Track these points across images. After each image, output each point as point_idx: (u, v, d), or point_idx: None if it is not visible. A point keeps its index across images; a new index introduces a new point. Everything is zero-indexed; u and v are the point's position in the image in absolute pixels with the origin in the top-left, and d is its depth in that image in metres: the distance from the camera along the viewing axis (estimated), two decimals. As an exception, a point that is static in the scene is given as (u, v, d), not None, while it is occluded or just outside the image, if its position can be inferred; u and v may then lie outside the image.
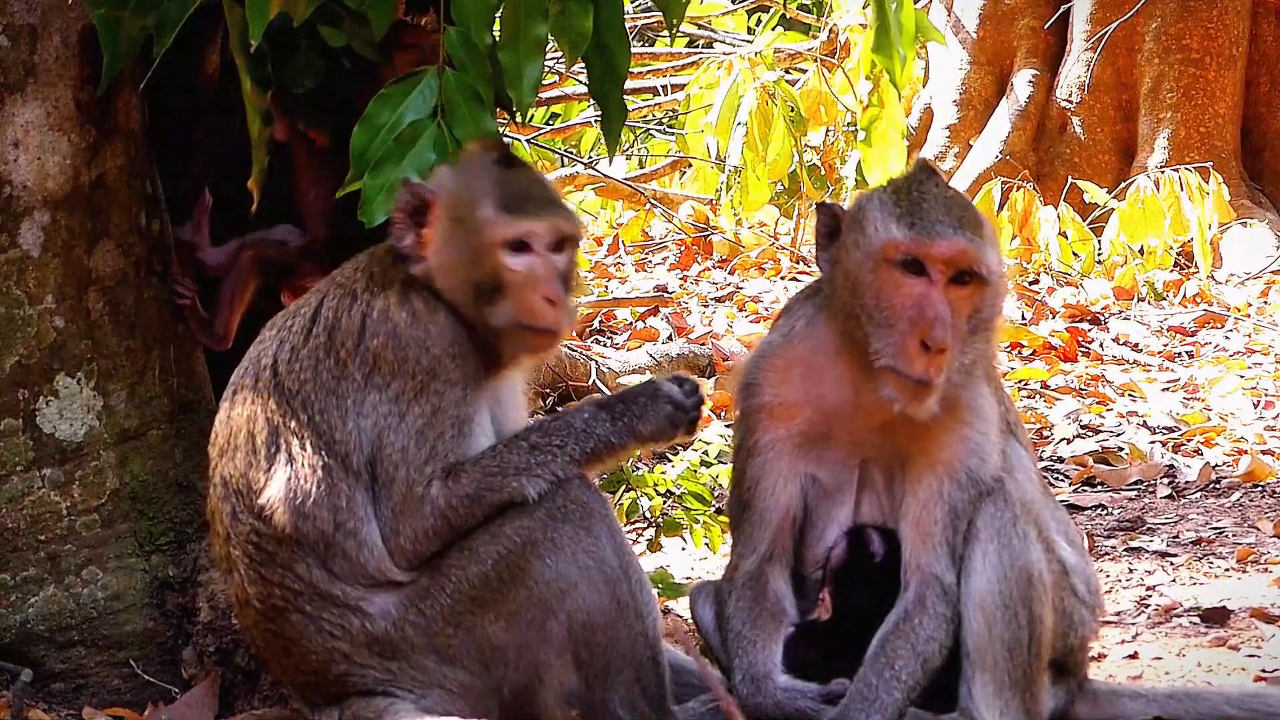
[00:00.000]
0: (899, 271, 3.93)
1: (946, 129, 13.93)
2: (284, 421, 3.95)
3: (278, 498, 3.92)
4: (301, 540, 3.91)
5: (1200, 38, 13.34)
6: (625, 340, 10.01)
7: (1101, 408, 8.62)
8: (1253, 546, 6.20)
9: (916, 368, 3.89)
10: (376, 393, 3.92)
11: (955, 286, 3.94)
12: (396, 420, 3.91)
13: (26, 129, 4.43)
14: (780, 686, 4.04)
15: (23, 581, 4.48)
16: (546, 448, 3.94)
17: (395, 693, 3.97)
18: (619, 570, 3.96)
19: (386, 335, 3.94)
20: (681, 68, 13.63)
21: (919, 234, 3.92)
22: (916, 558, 4.04)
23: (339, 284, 4.06)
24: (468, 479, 3.90)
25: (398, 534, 3.91)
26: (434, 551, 3.93)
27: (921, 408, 3.92)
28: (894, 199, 4.00)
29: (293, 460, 3.92)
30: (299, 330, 4.01)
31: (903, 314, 3.91)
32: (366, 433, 3.91)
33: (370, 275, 4.04)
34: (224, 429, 4.05)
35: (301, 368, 3.97)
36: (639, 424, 3.99)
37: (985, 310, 3.98)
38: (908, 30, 5.07)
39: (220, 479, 4.03)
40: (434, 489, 3.89)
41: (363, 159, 4.22)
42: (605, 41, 4.47)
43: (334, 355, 3.96)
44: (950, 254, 3.92)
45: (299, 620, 3.96)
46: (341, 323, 3.97)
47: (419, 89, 4.24)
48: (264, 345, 4.07)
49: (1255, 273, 12.19)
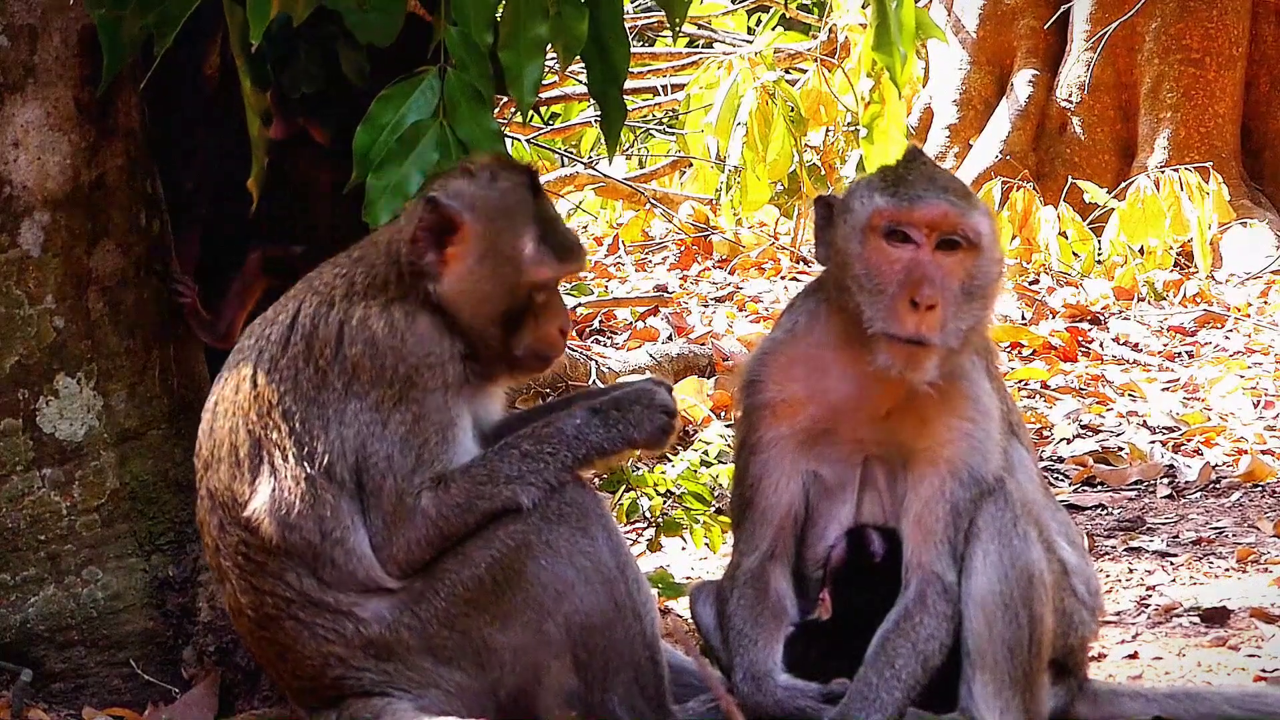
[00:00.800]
0: (886, 241, 3.96)
1: (946, 129, 13.93)
2: (265, 434, 3.92)
3: (263, 509, 3.90)
4: (290, 551, 3.90)
5: (1200, 38, 13.34)
6: (625, 340, 10.00)
7: (1101, 408, 8.62)
8: (1253, 546, 6.20)
9: (908, 325, 3.90)
10: (357, 401, 3.90)
11: (944, 252, 3.96)
12: (379, 429, 3.88)
13: (26, 129, 4.43)
14: (781, 685, 4.04)
15: (23, 581, 4.48)
16: (539, 455, 3.93)
17: (392, 693, 3.96)
18: (616, 571, 3.96)
19: (365, 343, 3.91)
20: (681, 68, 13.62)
21: (901, 200, 3.96)
22: (918, 556, 4.04)
23: (316, 290, 4.02)
24: (458, 489, 3.89)
25: (390, 543, 3.89)
26: (428, 560, 3.91)
27: (919, 371, 3.92)
28: (880, 177, 4.07)
29: (275, 472, 3.90)
30: (277, 340, 3.98)
31: (891, 279, 3.94)
32: (349, 441, 3.89)
33: (351, 283, 3.99)
34: (207, 440, 4.03)
35: (281, 378, 3.94)
36: (634, 431, 3.99)
37: (978, 276, 3.99)
38: (908, 27, 5.08)
39: (206, 490, 4.02)
40: (424, 499, 3.88)
41: (366, 159, 4.22)
42: (604, 41, 4.48)
43: (313, 364, 3.93)
44: (933, 217, 3.94)
45: (292, 627, 3.95)
46: (319, 331, 3.94)
47: (421, 89, 4.24)
48: (243, 355, 4.03)
49: (1255, 273, 12.19)
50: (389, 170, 4.22)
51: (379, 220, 4.18)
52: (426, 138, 4.22)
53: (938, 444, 4.04)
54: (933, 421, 4.03)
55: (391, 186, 4.18)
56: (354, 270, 4.03)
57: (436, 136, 4.23)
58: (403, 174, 4.18)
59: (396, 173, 4.19)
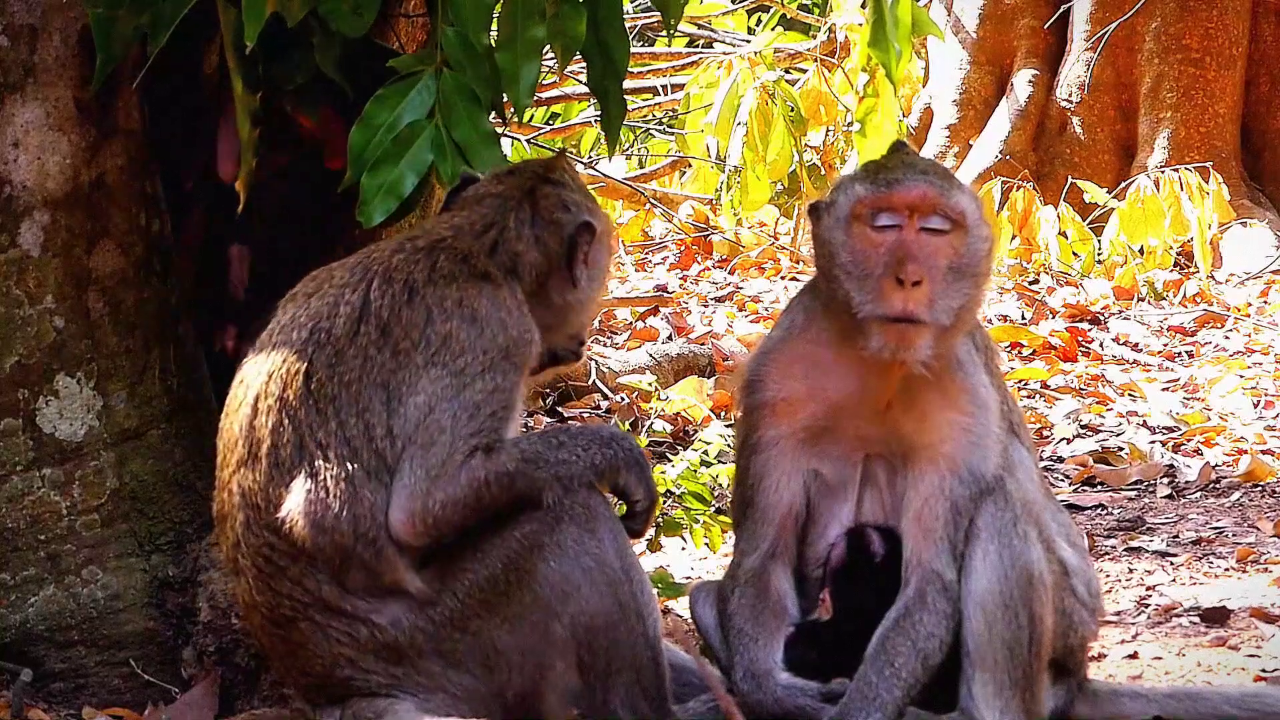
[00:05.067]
0: (870, 228, 3.98)
1: (946, 129, 13.94)
2: (311, 432, 3.88)
3: (297, 512, 3.86)
4: (316, 555, 3.88)
5: (1200, 38, 13.34)
6: (625, 340, 10.01)
7: (1101, 408, 8.62)
8: (1253, 546, 6.20)
9: (895, 304, 3.91)
10: (438, 369, 3.91)
11: (930, 234, 3.97)
12: (454, 391, 3.89)
13: (26, 129, 4.43)
14: (780, 684, 4.05)
15: (23, 581, 4.48)
16: (573, 447, 3.97)
17: (398, 695, 3.96)
18: (621, 572, 3.96)
19: (462, 319, 3.95)
20: (681, 68, 13.63)
21: (880, 186, 3.99)
22: (918, 554, 4.04)
23: (387, 277, 3.99)
24: (508, 458, 3.90)
25: (428, 495, 3.85)
26: (450, 525, 3.87)
27: (911, 349, 3.92)
28: (863, 169, 4.11)
29: (315, 474, 3.86)
30: (343, 332, 3.94)
31: (877, 262, 3.95)
32: (416, 406, 3.88)
33: (433, 267, 4.00)
34: (244, 436, 3.96)
35: (347, 367, 3.91)
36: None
37: (966, 255, 3.99)
38: (904, 25, 5.08)
39: (237, 487, 3.97)
40: (476, 459, 3.87)
41: (360, 159, 4.22)
42: (604, 37, 4.48)
43: (390, 347, 3.92)
44: (912, 198, 3.96)
45: (307, 628, 3.95)
46: (402, 315, 3.94)
47: (417, 89, 4.25)
48: (291, 347, 3.96)
49: (1255, 273, 12.19)
50: (383, 170, 4.22)
51: (372, 220, 4.19)
52: (421, 138, 4.23)
53: (937, 440, 4.05)
54: (931, 416, 4.04)
55: (385, 187, 4.18)
56: (433, 258, 4.02)
57: (431, 137, 4.23)
58: (397, 174, 4.19)
59: (391, 173, 4.20)
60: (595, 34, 4.44)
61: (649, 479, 4.04)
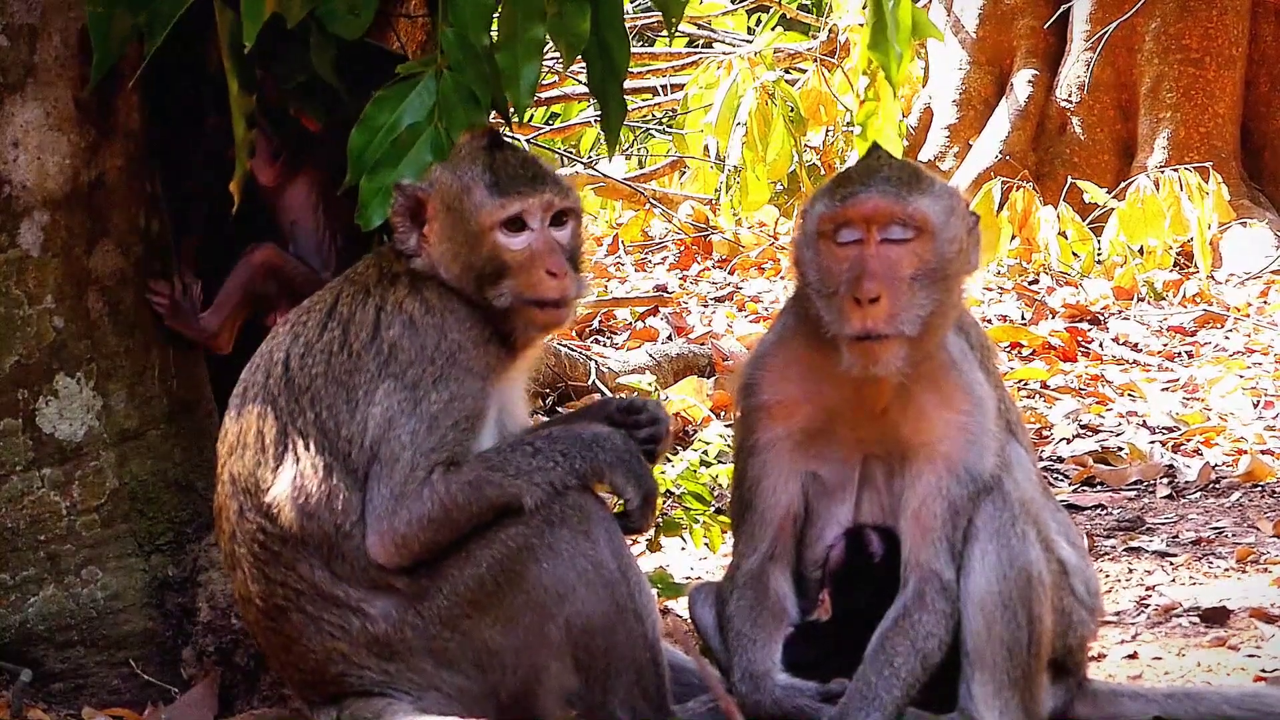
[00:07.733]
0: (833, 244, 3.97)
1: (946, 129, 13.93)
2: (292, 419, 3.96)
3: (284, 496, 3.93)
4: (306, 540, 3.92)
5: (1200, 38, 13.33)
6: (625, 340, 10.01)
7: (1101, 408, 8.62)
8: (1253, 546, 6.20)
9: (854, 324, 3.90)
10: (392, 380, 3.93)
11: (893, 244, 3.95)
12: (411, 405, 3.90)
13: (26, 129, 4.43)
14: (780, 684, 4.05)
15: (23, 581, 4.48)
16: (550, 454, 3.94)
17: (392, 694, 3.97)
18: (617, 573, 3.96)
19: (402, 325, 3.96)
20: (681, 68, 13.64)
21: (836, 201, 3.98)
22: (916, 554, 4.04)
23: (352, 280, 4.09)
24: (470, 470, 3.90)
25: (394, 515, 3.88)
26: (424, 543, 3.89)
27: (879, 365, 3.92)
28: (831, 180, 4.09)
29: (299, 459, 3.93)
30: (314, 325, 4.04)
31: (839, 279, 3.95)
32: (375, 419, 3.91)
33: (380, 270, 4.07)
34: (234, 426, 4.06)
35: (314, 362, 3.99)
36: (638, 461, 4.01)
37: (931, 260, 3.96)
38: (904, 27, 5.07)
39: (229, 475, 4.04)
40: (436, 475, 3.88)
41: (360, 161, 4.22)
42: (605, 38, 4.48)
43: (348, 349, 3.97)
44: (866, 211, 3.94)
45: (300, 619, 3.97)
46: (356, 316, 4.00)
47: (416, 91, 4.24)
48: (277, 340, 4.08)
49: (1255, 273, 12.19)
50: (383, 173, 4.22)
51: (371, 223, 4.20)
52: (421, 140, 4.23)
53: (934, 439, 4.04)
54: (928, 416, 4.04)
55: (385, 189, 4.17)
56: (379, 260, 4.10)
57: (431, 139, 4.23)
58: (397, 177, 4.18)
59: (390, 175, 4.19)
60: (596, 34, 4.43)
61: (641, 475, 4.00)
